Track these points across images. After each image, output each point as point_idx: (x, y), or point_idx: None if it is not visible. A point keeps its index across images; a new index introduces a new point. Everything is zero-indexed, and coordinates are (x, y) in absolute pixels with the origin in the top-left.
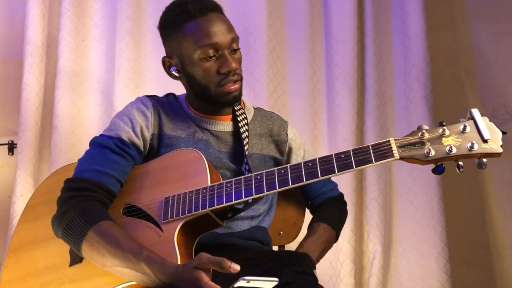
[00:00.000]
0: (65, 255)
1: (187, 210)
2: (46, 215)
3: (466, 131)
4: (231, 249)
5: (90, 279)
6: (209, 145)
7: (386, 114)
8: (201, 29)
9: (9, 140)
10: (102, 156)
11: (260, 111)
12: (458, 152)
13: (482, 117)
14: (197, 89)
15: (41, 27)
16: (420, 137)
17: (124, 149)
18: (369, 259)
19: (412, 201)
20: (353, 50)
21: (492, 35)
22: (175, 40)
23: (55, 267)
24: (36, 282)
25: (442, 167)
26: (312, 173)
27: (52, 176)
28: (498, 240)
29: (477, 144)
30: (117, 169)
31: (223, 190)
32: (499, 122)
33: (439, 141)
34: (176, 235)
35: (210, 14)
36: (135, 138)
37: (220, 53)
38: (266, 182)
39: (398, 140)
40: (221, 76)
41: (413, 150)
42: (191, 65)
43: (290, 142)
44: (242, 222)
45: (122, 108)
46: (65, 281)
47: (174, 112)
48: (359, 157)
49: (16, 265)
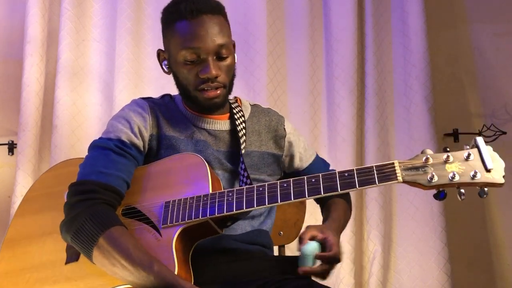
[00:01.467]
0: (62, 253)
1: (187, 217)
2: (44, 209)
3: (469, 159)
4: (233, 254)
5: (85, 278)
6: (207, 146)
7: (386, 114)
8: (188, 31)
9: (9, 140)
10: (104, 158)
11: (257, 108)
12: (461, 180)
13: (487, 146)
14: (180, 88)
15: (41, 27)
16: (424, 161)
17: (125, 149)
18: (369, 259)
19: (412, 201)
20: (353, 50)
21: (492, 35)
22: (167, 36)
23: (51, 264)
24: (31, 277)
25: (444, 193)
26: (315, 189)
27: (51, 170)
28: (498, 240)
29: (480, 173)
30: (122, 169)
31: (224, 199)
32: (499, 122)
33: (443, 168)
34: (174, 241)
35: (202, 16)
36: (134, 138)
37: (203, 57)
38: (268, 194)
39: (402, 163)
40: (199, 79)
41: (416, 174)
42: (175, 64)
43: (289, 136)
44: (243, 222)
45: (120, 108)
46: (60, 279)
47: (170, 113)
48: (363, 177)
49: (11, 258)
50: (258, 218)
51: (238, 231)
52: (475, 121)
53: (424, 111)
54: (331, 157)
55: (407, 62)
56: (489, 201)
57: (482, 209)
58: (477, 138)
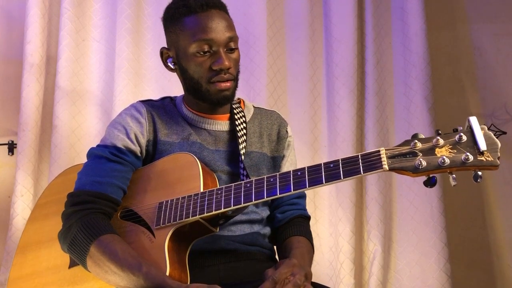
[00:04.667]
0: (66, 257)
1: (178, 217)
2: (53, 215)
3: (461, 141)
4: (232, 254)
5: (87, 281)
6: (203, 148)
7: (386, 114)
8: (199, 24)
9: (9, 140)
10: (99, 166)
11: (260, 110)
12: (451, 165)
13: (480, 126)
14: (189, 84)
15: (41, 27)
16: (412, 147)
17: (120, 156)
18: (369, 259)
19: (412, 201)
20: (353, 50)
21: (492, 35)
22: (174, 32)
23: (56, 268)
24: (39, 282)
25: (435, 179)
26: (300, 182)
27: (60, 176)
28: (498, 240)
29: (472, 156)
30: (117, 176)
31: (213, 197)
32: (499, 122)
33: (432, 152)
34: (167, 242)
35: (211, 10)
36: (130, 144)
37: (214, 50)
38: (255, 190)
39: (389, 150)
40: (212, 72)
41: (403, 161)
42: (186, 59)
43: (289, 139)
44: (242, 225)
45: (122, 108)
46: (64, 283)
47: (169, 115)
48: (348, 167)
49: (23, 263)
50: (259, 223)
51: (237, 232)
52: None
53: (424, 111)
54: (331, 157)
55: (407, 62)
56: (489, 201)
57: (482, 209)
58: (470, 118)
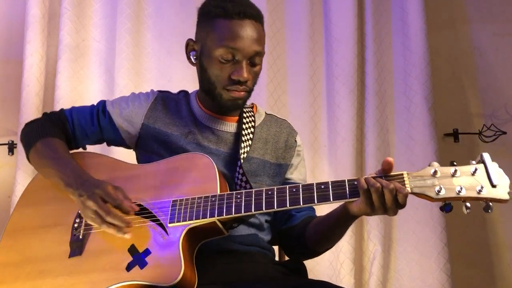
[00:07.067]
0: (65, 245)
1: (195, 216)
2: (45, 201)
3: (476, 174)
4: (233, 255)
5: (89, 273)
6: (197, 150)
7: (386, 114)
8: (230, 31)
9: (9, 140)
10: (85, 108)
11: (271, 117)
12: (467, 194)
13: (492, 162)
14: (205, 83)
15: (41, 27)
16: (432, 174)
17: (99, 116)
18: (369, 259)
19: (412, 201)
20: (353, 50)
21: (492, 35)
22: (204, 29)
23: (54, 256)
24: (33, 268)
25: (450, 206)
26: (324, 196)
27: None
28: (498, 240)
29: (485, 188)
30: (86, 121)
31: (232, 200)
32: (499, 122)
33: (450, 181)
34: (181, 240)
35: (246, 20)
36: (119, 118)
37: (237, 59)
38: (277, 199)
39: (411, 174)
40: (230, 81)
41: (424, 186)
42: (208, 59)
43: (298, 149)
44: (243, 226)
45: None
46: (63, 272)
47: (177, 108)
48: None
49: (11, 248)
50: (259, 228)
51: (236, 233)
52: (475, 121)
53: (424, 111)
54: (331, 157)
55: (407, 62)
56: None
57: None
58: (484, 154)
